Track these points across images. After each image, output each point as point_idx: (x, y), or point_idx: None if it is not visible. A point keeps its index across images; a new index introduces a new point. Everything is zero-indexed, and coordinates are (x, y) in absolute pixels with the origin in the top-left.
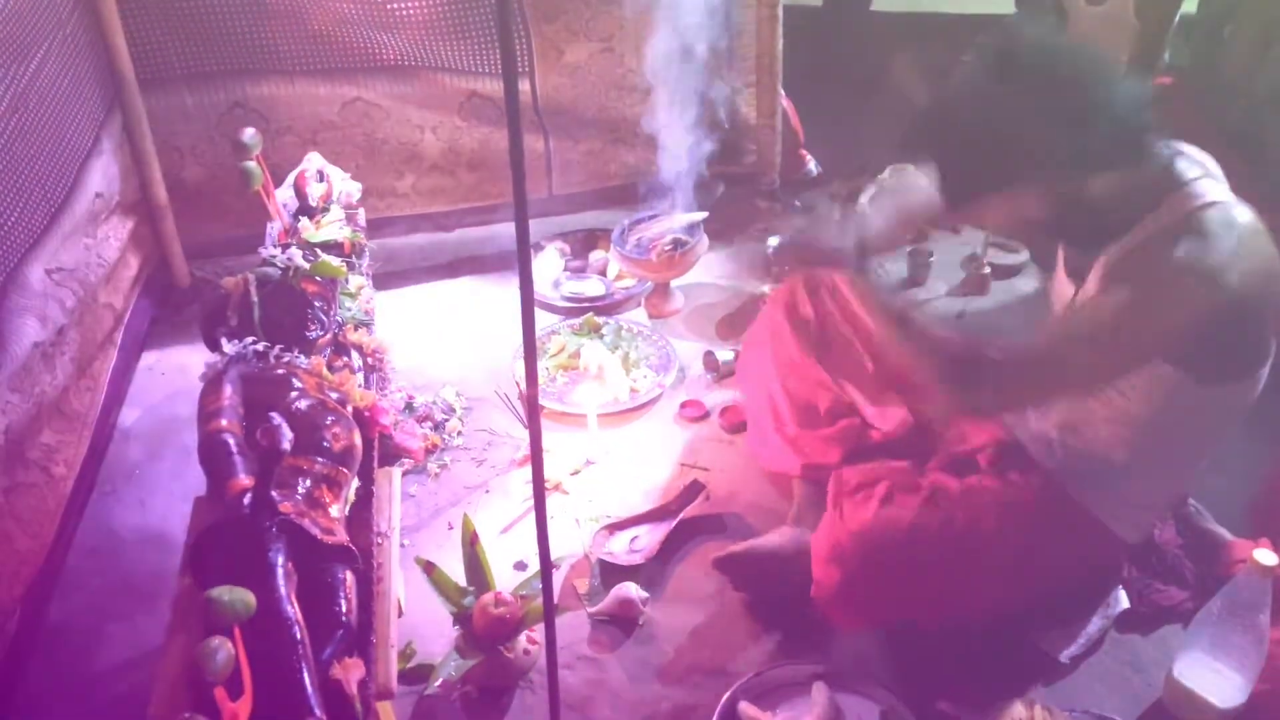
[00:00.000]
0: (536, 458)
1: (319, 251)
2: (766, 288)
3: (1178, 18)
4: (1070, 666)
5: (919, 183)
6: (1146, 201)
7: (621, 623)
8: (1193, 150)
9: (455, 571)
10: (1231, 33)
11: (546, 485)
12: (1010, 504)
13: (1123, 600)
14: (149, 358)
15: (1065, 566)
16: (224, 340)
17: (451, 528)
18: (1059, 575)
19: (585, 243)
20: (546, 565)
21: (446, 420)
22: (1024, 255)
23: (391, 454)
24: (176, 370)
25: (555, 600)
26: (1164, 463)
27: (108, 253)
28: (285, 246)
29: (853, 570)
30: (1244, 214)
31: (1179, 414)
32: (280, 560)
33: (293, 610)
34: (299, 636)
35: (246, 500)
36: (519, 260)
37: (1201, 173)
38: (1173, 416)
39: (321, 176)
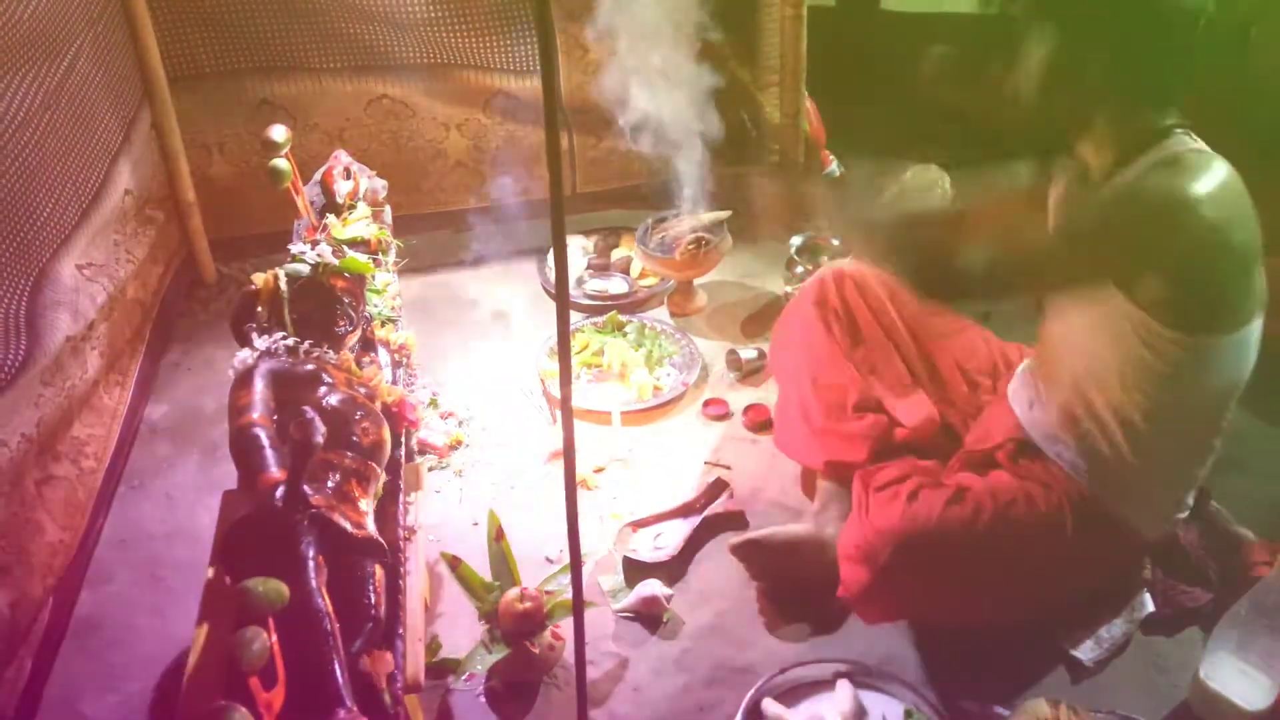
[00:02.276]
0: (569, 456)
1: (346, 248)
2: (789, 288)
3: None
4: (1096, 668)
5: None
6: (1143, 140)
7: (645, 619)
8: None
9: (480, 567)
10: (1258, 33)
11: None
12: (1033, 501)
13: (1148, 603)
14: (176, 353)
15: (1089, 564)
16: (254, 335)
17: (476, 524)
18: (1083, 573)
19: (609, 240)
20: (577, 562)
21: (471, 417)
22: None
23: (417, 450)
24: (203, 365)
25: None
26: (1172, 447)
27: (137, 249)
28: (314, 243)
29: (879, 569)
30: (1225, 165)
31: (1177, 385)
32: (311, 553)
33: (323, 603)
34: (330, 629)
35: (278, 493)
36: (555, 259)
37: (1192, 138)
38: (1170, 389)
39: (348, 173)
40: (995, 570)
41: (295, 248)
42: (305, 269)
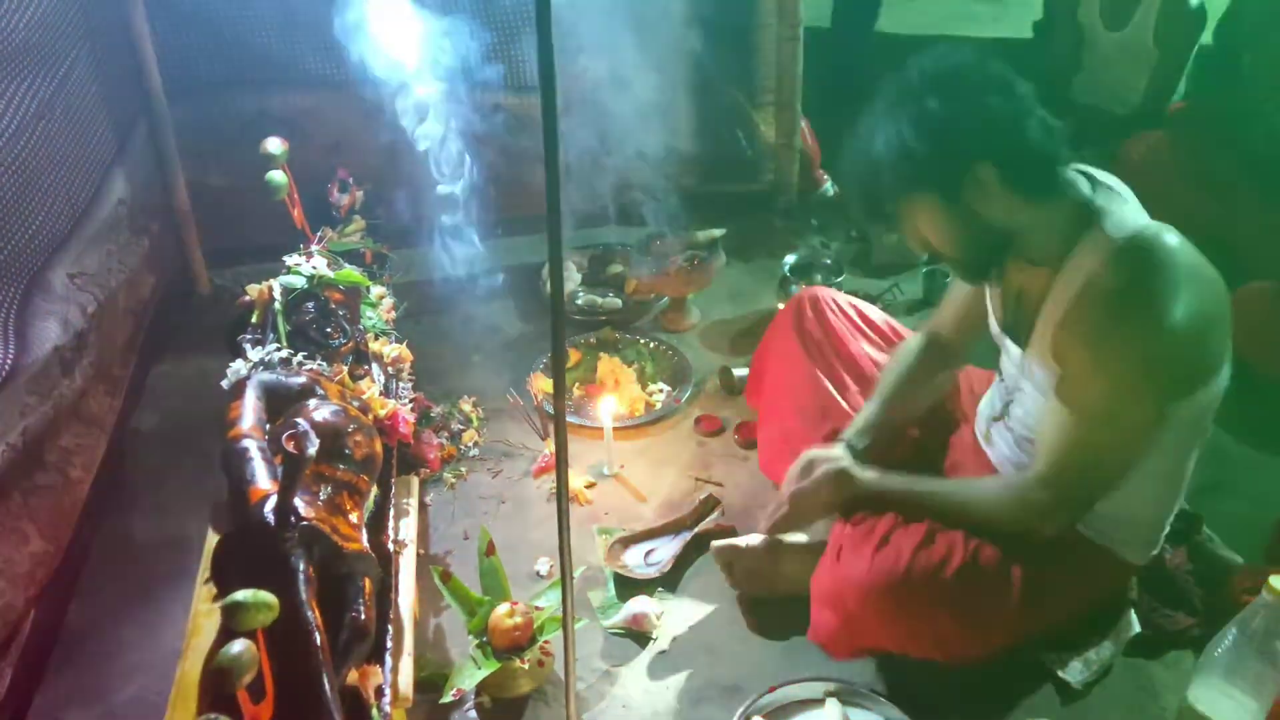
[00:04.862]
0: (561, 471)
1: (341, 260)
2: (781, 305)
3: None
4: (1084, 690)
5: None
6: (1062, 241)
7: (635, 636)
8: (1100, 174)
9: (471, 581)
10: (1251, 61)
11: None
12: (1008, 538)
13: (1134, 624)
14: (168, 363)
15: (1072, 591)
16: (248, 347)
17: (467, 537)
18: (1067, 601)
19: (603, 257)
20: (567, 578)
21: (463, 430)
22: None
23: (408, 463)
24: (195, 376)
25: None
26: (1150, 480)
27: (129, 258)
28: (309, 255)
29: (847, 615)
30: (1169, 236)
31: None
32: (302, 566)
33: (313, 616)
34: (319, 642)
35: (269, 506)
36: (551, 275)
37: (1115, 198)
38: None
39: (345, 186)
40: (969, 610)
41: (291, 259)
42: (300, 281)
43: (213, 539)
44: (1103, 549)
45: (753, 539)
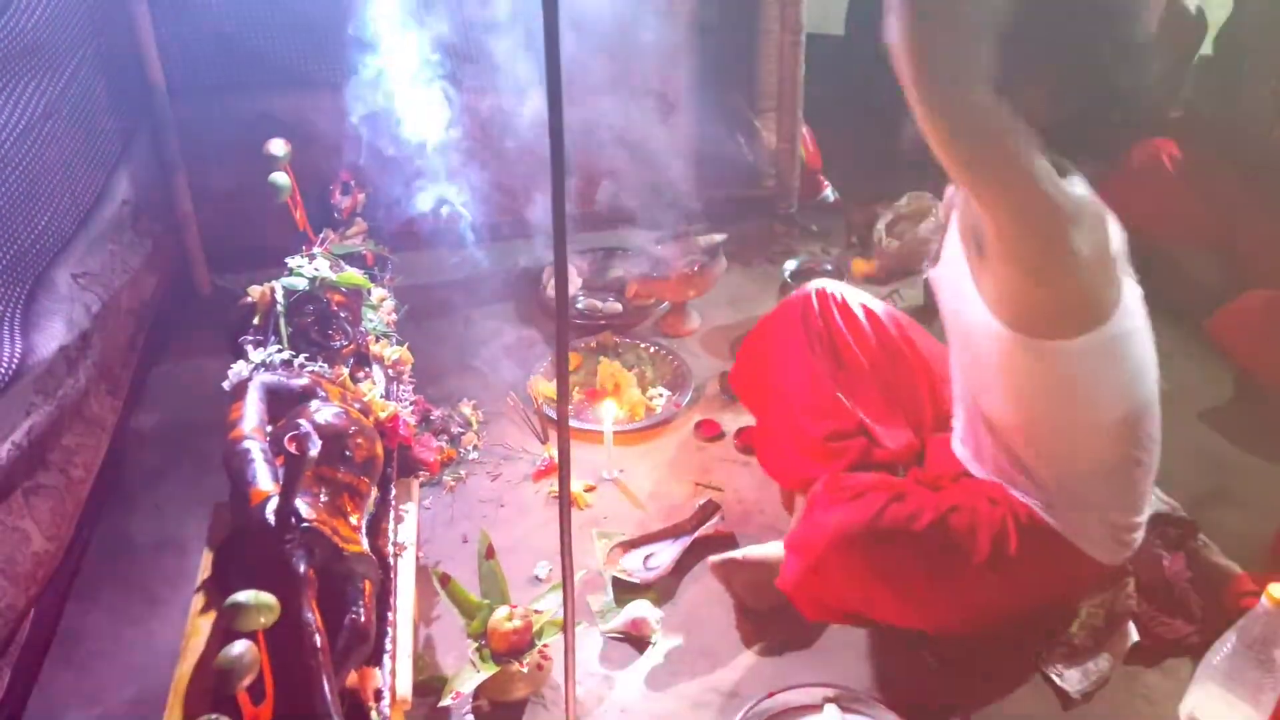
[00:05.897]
0: (564, 476)
1: (343, 263)
2: None
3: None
4: (1083, 699)
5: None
6: None
7: (634, 640)
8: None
9: (470, 584)
10: (1251, 68)
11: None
12: (977, 512)
13: (1132, 633)
14: (169, 364)
15: (1044, 582)
16: (250, 348)
17: (466, 540)
18: (1040, 590)
19: (603, 261)
20: (569, 582)
21: (463, 433)
22: None
23: (408, 466)
24: (195, 377)
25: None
26: (1096, 470)
27: (132, 259)
28: (311, 257)
29: (815, 559)
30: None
31: (1072, 397)
32: (303, 567)
33: (313, 617)
34: (319, 644)
35: (271, 507)
36: (556, 278)
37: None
38: (1068, 402)
39: (348, 189)
40: (932, 568)
41: (292, 261)
42: (301, 283)
43: (212, 540)
44: (1070, 545)
45: (750, 552)
